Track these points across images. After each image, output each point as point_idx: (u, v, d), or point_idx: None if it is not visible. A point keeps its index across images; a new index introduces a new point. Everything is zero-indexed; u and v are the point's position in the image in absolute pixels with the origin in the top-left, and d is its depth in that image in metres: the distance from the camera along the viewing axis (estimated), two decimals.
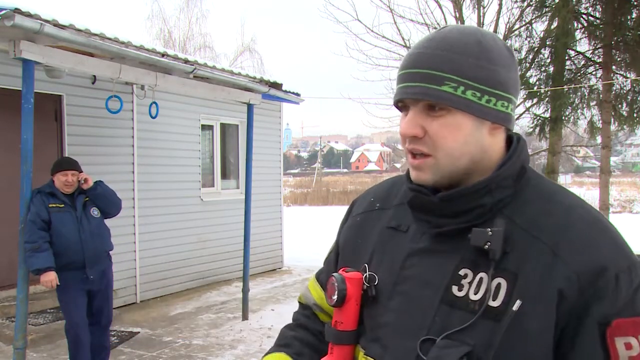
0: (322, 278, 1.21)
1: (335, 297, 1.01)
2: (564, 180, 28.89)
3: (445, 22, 13.30)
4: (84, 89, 6.26)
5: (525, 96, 10.73)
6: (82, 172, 4.25)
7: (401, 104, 0.97)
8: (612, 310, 0.84)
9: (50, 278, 3.94)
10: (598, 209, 0.92)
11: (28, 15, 3.85)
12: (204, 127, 8.05)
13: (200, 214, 7.86)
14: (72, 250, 4.06)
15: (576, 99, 10.25)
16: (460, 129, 0.92)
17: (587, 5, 10.02)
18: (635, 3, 9.48)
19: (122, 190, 5.60)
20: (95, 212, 4.25)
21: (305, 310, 1.25)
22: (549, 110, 10.08)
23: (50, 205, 4.07)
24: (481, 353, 0.86)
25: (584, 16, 10.11)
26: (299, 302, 1.29)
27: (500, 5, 12.13)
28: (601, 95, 9.79)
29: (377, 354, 0.99)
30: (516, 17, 10.97)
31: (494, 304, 0.87)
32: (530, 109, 11.06)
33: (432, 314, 0.92)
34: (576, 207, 0.93)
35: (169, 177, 7.35)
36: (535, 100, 10.42)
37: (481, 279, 0.89)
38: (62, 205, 4.12)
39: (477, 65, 0.91)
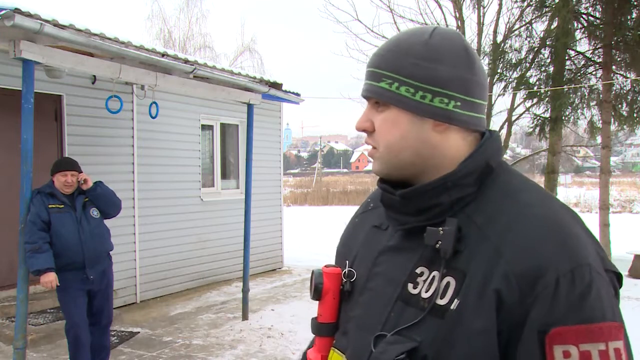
0: None
1: (313, 290, 1.07)
2: (564, 180, 28.87)
3: (445, 22, 13.31)
4: (84, 89, 6.26)
5: (525, 96, 10.73)
6: (81, 172, 4.25)
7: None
8: (550, 318, 0.82)
9: (50, 279, 3.93)
10: (569, 207, 0.92)
11: (28, 15, 3.85)
12: (204, 127, 8.06)
13: (200, 214, 7.86)
14: (72, 251, 4.06)
15: (576, 99, 10.25)
16: (396, 123, 0.96)
17: (587, 5, 10.02)
18: (635, 3, 9.48)
19: (122, 190, 5.61)
20: (95, 212, 4.25)
21: None
22: (549, 110, 10.08)
23: (50, 206, 4.07)
24: (427, 349, 0.87)
25: (584, 16, 10.11)
26: None
27: (500, 5, 12.13)
28: (601, 95, 9.78)
29: (343, 346, 1.04)
30: (516, 17, 10.98)
31: (442, 302, 0.88)
32: (530, 109, 11.06)
33: (388, 310, 0.95)
34: (532, 206, 0.90)
35: (169, 177, 7.35)
36: (535, 100, 10.42)
37: (433, 277, 0.91)
38: (62, 206, 4.12)
39: (414, 63, 0.94)
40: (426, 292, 0.91)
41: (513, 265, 0.84)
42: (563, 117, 10.06)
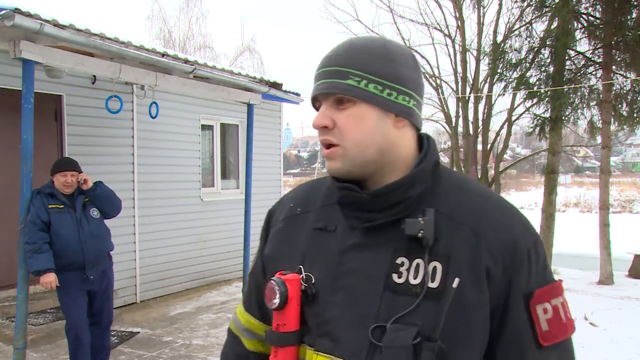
0: (247, 302, 1.26)
1: (277, 300, 1.04)
2: (564, 180, 28.87)
3: (445, 22, 13.32)
4: (84, 89, 6.26)
5: (525, 96, 10.73)
6: (81, 172, 4.25)
7: (318, 103, 1.06)
8: (531, 283, 0.98)
9: (50, 279, 3.93)
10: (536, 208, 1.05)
11: (28, 15, 3.85)
12: (204, 127, 8.05)
13: (200, 214, 7.86)
14: (72, 251, 4.05)
15: (576, 99, 10.23)
16: (365, 119, 1.00)
17: (587, 5, 10.01)
18: (635, 3, 9.47)
19: (122, 190, 5.60)
20: (95, 212, 4.24)
21: (235, 342, 1.27)
22: (549, 110, 10.06)
23: (50, 206, 4.06)
24: (429, 331, 0.93)
25: (584, 16, 10.10)
26: (229, 329, 1.31)
27: (500, 5, 12.14)
28: (601, 95, 9.77)
29: (327, 348, 1.02)
30: (516, 17, 10.98)
31: (433, 285, 0.95)
32: (530, 109, 11.05)
33: (377, 302, 0.98)
34: (485, 194, 1.05)
35: (169, 177, 7.35)
36: (535, 100, 10.41)
37: (418, 264, 0.97)
38: (62, 206, 4.11)
39: (379, 63, 1.01)
40: (414, 279, 0.96)
41: (494, 244, 0.97)
42: (563, 117, 10.05)
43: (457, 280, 0.93)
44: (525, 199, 31.97)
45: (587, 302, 7.59)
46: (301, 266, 1.07)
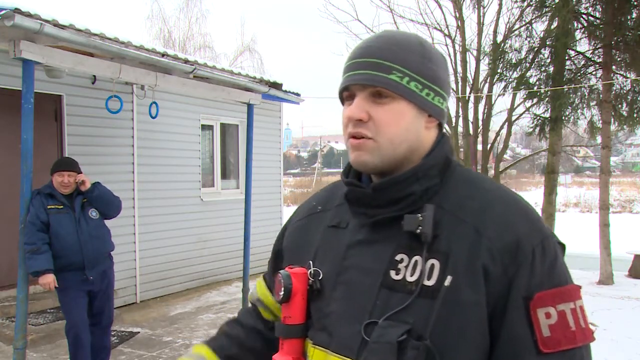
0: (267, 277, 1.30)
1: (282, 292, 1.07)
2: (564, 180, 28.87)
3: (445, 22, 13.31)
4: (84, 89, 6.26)
5: (525, 96, 10.72)
6: (80, 173, 4.24)
7: (346, 93, 1.03)
8: (533, 285, 0.92)
9: (49, 280, 3.93)
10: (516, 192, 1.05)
11: (28, 15, 3.85)
12: (204, 127, 8.05)
13: (200, 214, 7.86)
14: (71, 252, 4.05)
15: (576, 99, 10.22)
16: (403, 116, 1.00)
17: (587, 5, 10.00)
18: (635, 3, 9.46)
19: (122, 190, 5.60)
20: (94, 213, 4.23)
21: (250, 307, 1.33)
22: (549, 110, 10.06)
23: (49, 207, 4.06)
24: (421, 330, 0.91)
25: (584, 16, 10.09)
26: (249, 300, 1.36)
27: (500, 5, 12.14)
28: (601, 95, 9.76)
29: (324, 341, 1.03)
30: (516, 17, 10.97)
31: (429, 283, 0.93)
32: (530, 109, 11.05)
33: (373, 298, 0.97)
34: (495, 190, 1.01)
35: (169, 177, 7.35)
36: (535, 100, 10.41)
37: (416, 261, 0.96)
38: (61, 207, 4.11)
39: (420, 62, 1.00)
40: (411, 276, 0.95)
41: (494, 242, 0.93)
42: (563, 117, 10.05)
43: (449, 278, 0.91)
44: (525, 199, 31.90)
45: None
46: (311, 261, 1.09)
